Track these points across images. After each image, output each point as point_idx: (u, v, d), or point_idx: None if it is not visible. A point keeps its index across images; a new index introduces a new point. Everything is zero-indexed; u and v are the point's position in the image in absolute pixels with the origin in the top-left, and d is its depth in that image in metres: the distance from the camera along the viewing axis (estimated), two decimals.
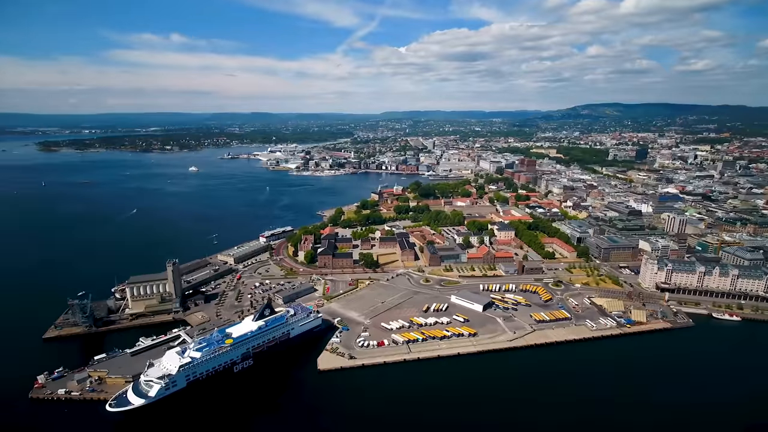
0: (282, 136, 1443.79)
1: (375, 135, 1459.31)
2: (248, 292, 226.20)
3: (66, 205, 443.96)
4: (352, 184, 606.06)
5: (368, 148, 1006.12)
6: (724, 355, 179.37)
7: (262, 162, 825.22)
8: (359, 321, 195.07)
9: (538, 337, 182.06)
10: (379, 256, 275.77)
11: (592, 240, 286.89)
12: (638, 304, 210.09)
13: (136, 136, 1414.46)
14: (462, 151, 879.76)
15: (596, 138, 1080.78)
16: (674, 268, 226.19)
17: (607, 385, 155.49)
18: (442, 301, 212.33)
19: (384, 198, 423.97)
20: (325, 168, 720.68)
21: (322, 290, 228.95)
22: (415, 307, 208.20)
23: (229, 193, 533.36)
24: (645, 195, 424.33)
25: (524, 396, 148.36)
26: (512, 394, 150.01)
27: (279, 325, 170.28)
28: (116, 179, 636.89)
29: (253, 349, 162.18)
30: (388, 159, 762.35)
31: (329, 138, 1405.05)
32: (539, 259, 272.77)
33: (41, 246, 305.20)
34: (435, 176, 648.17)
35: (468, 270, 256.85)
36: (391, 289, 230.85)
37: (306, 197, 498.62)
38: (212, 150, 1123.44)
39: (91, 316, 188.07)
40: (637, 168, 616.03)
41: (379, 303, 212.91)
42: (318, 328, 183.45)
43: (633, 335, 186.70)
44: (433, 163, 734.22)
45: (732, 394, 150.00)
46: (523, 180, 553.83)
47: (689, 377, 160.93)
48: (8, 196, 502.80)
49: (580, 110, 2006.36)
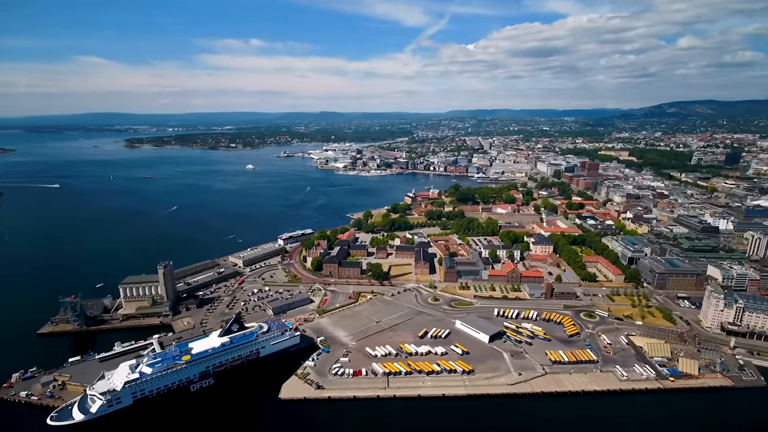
0: (342, 135, 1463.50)
1: (435, 134, 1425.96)
2: (243, 299, 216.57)
3: (119, 199, 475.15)
4: (396, 185, 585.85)
5: (422, 147, 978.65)
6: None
7: (314, 161, 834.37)
8: (344, 342, 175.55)
9: (548, 382, 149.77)
10: (393, 267, 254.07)
11: (646, 262, 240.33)
12: (691, 349, 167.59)
13: (209, 134, 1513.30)
14: (520, 152, 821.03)
15: (680, 139, 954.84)
16: (747, 306, 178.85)
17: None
18: (444, 326, 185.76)
19: (417, 202, 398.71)
20: (372, 168, 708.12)
21: (318, 302, 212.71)
22: (411, 330, 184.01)
23: (271, 191, 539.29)
24: (728, 208, 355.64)
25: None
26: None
27: (246, 343, 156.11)
28: (175, 175, 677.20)
29: (214, 367, 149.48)
30: (438, 160, 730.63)
31: (388, 137, 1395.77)
32: (576, 281, 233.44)
33: (78, 238, 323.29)
34: (485, 179, 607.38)
35: (487, 289, 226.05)
36: (393, 306, 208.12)
37: (342, 198, 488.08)
38: (273, 148, 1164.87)
39: (82, 314, 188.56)
40: (724, 175, 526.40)
41: (374, 323, 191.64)
42: (294, 348, 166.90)
43: (677, 392, 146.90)
44: (486, 165, 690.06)
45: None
46: (582, 185, 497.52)
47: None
48: (79, 188, 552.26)
49: (666, 108, 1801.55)
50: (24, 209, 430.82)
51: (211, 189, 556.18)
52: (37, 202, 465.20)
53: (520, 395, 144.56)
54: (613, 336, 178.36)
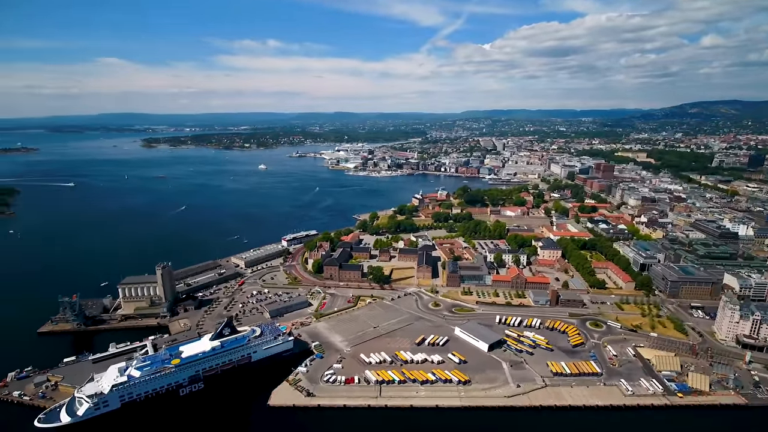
0: (355, 135, 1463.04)
1: (448, 135, 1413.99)
2: (242, 301, 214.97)
3: (130, 198, 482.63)
4: (405, 186, 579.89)
5: (434, 148, 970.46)
6: None
7: (325, 161, 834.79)
8: (339, 348, 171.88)
9: (547, 395, 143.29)
10: (395, 270, 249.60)
11: (659, 268, 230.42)
12: (703, 363, 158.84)
13: (224, 134, 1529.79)
14: (534, 153, 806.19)
15: (702, 141, 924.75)
16: (765, 318, 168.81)
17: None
18: (443, 333, 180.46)
19: (425, 203, 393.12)
20: (383, 168, 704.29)
21: (317, 305, 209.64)
22: (409, 337, 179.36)
23: (281, 191, 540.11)
24: (749, 213, 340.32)
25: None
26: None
27: (238, 347, 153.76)
28: (187, 174, 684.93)
29: (204, 371, 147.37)
30: (449, 161, 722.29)
31: (401, 137, 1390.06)
32: (583, 287, 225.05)
33: (85, 237, 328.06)
34: (496, 180, 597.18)
35: (490, 295, 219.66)
36: (393, 311, 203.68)
37: (350, 199, 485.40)
38: (287, 148, 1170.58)
39: (81, 314, 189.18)
40: (746, 178, 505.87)
41: (371, 328, 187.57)
42: (288, 353, 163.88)
43: (685, 409, 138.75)
44: (498, 166, 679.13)
45: None
46: (596, 188, 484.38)
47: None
48: (93, 187, 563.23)
49: (687, 108, 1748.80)
50: (38, 207, 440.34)
51: (221, 189, 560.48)
52: (51, 200, 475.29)
53: (518, 408, 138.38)
54: (619, 347, 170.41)
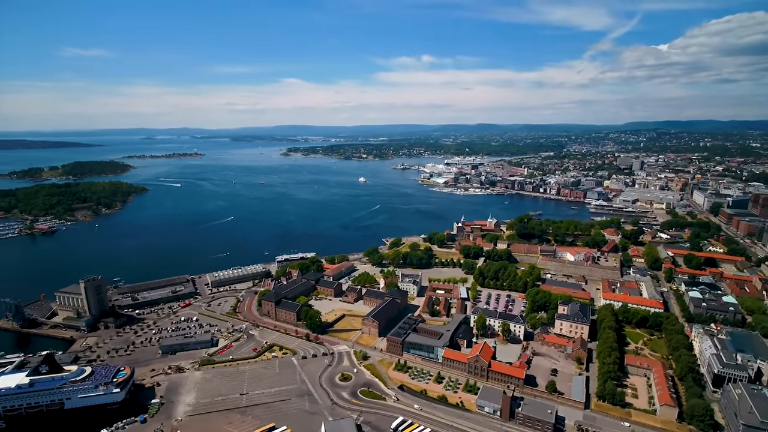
0: (480, 148, 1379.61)
1: (590, 149, 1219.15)
2: (165, 326, 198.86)
3: (203, 204, 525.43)
4: (480, 208, 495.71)
5: (554, 164, 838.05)
6: None
7: (420, 175, 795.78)
8: (176, 413, 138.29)
9: None
10: (347, 317, 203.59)
11: (739, 392, 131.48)
12: None
13: (350, 145, 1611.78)
14: (681, 176, 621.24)
15: None
16: None
17: None
18: (302, 429, 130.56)
19: (464, 233, 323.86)
20: (472, 186, 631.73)
21: (221, 347, 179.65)
22: (262, 420, 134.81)
23: (343, 206, 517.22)
24: None
25: None
26: None
27: (47, 389, 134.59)
28: (282, 182, 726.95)
29: (5, 410, 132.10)
30: (553, 180, 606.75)
31: (531, 151, 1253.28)
32: (581, 397, 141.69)
33: (130, 237, 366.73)
34: (602, 208, 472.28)
35: (432, 378, 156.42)
36: (286, 376, 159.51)
37: (402, 219, 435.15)
38: (401, 159, 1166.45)
39: (19, 315, 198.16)
40: None
41: (237, 394, 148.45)
42: (115, 405, 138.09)
43: None
44: (618, 190, 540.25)
45: None
46: (743, 229, 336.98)
47: None
48: (192, 189, 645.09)
49: None
50: (142, 204, 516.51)
51: (291, 199, 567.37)
52: (154, 199, 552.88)
53: None
54: None
